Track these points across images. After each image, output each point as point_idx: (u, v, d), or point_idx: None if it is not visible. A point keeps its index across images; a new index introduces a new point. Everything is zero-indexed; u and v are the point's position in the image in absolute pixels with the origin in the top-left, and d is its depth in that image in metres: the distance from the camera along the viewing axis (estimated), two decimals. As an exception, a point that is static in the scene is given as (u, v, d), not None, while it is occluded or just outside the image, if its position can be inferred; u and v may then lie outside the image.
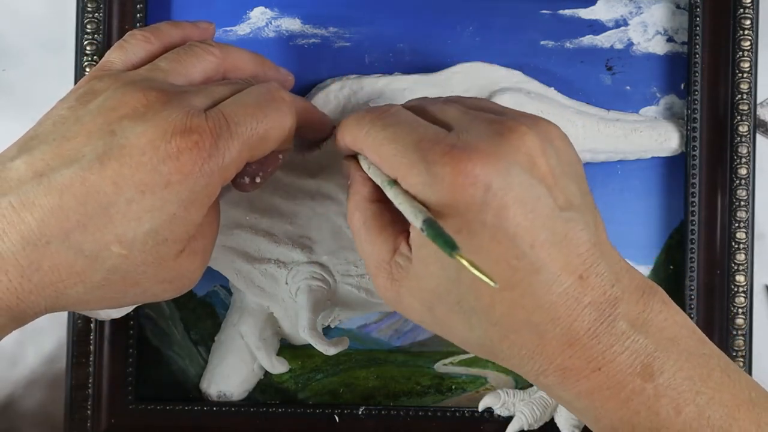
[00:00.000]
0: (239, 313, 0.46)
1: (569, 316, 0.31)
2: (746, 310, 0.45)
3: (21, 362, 0.47)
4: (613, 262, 0.32)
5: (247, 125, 0.34)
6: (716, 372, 0.32)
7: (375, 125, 0.34)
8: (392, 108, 0.35)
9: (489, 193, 0.30)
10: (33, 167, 0.32)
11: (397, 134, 0.33)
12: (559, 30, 0.45)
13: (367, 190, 0.35)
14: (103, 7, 0.44)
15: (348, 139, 0.36)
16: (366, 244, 0.35)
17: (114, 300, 0.35)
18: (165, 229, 0.33)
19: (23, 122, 0.35)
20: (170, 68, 0.36)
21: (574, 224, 0.31)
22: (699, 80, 0.45)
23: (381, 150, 0.33)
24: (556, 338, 0.31)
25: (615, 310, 0.31)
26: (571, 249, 0.31)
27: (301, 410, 0.46)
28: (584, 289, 0.31)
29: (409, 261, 0.33)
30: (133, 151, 0.32)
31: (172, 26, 0.39)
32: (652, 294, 0.32)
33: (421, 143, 0.31)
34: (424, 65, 0.45)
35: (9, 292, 0.32)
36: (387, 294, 0.34)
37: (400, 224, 0.34)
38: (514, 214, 0.30)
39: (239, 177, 0.37)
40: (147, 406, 0.45)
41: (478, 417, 0.46)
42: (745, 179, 0.44)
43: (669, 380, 0.31)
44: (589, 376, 0.31)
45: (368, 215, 0.35)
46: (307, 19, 0.45)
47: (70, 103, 0.34)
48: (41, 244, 0.31)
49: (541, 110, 0.44)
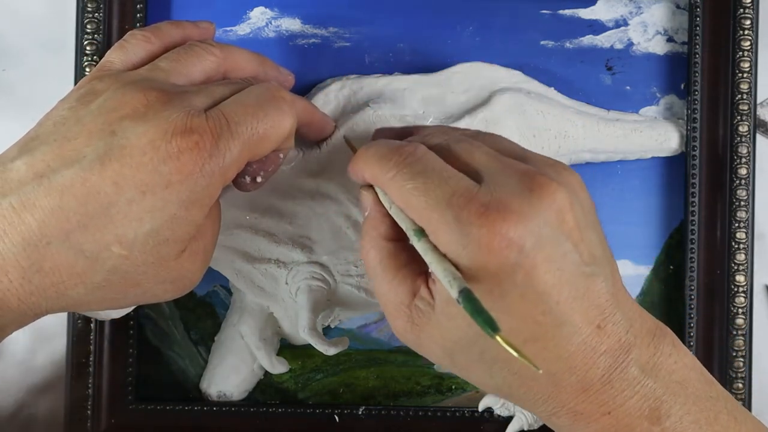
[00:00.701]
0: (239, 313, 0.46)
1: (585, 364, 0.31)
2: (746, 310, 0.45)
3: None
4: (627, 308, 0.32)
5: (248, 125, 0.34)
6: (723, 415, 0.32)
7: (402, 171, 0.33)
8: (418, 150, 0.33)
9: (522, 254, 0.30)
10: (33, 168, 0.32)
11: (426, 185, 0.32)
12: (559, 30, 0.45)
13: (384, 228, 0.35)
14: (103, 7, 0.44)
15: (368, 176, 0.35)
16: (383, 284, 0.34)
17: (115, 301, 0.34)
18: (166, 229, 0.33)
19: (23, 122, 0.35)
20: (171, 68, 0.36)
21: (595, 278, 0.31)
22: (699, 80, 0.45)
23: (409, 200, 0.32)
24: (571, 385, 0.32)
25: (628, 356, 0.32)
26: (592, 301, 0.31)
27: (301, 410, 0.46)
28: (601, 338, 0.31)
29: (430, 307, 0.33)
30: (133, 152, 0.32)
31: (172, 26, 0.39)
32: (662, 337, 0.33)
33: (453, 199, 0.31)
34: (424, 65, 0.45)
35: (10, 293, 0.32)
36: (406, 336, 0.34)
37: (417, 264, 0.34)
38: (543, 273, 0.30)
39: (240, 177, 0.37)
40: (147, 406, 0.45)
41: (478, 417, 0.46)
42: (745, 179, 0.44)
43: (676, 424, 0.31)
44: (599, 420, 0.32)
45: (384, 254, 0.34)
46: (307, 19, 0.45)
47: (70, 104, 0.34)
48: (42, 245, 0.31)
49: (541, 110, 0.44)
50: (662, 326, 0.33)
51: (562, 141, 0.44)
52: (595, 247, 0.32)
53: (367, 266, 0.35)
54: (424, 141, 0.35)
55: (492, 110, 0.43)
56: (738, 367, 0.45)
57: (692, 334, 0.45)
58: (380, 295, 0.35)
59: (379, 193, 0.35)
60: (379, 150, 0.34)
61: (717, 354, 0.45)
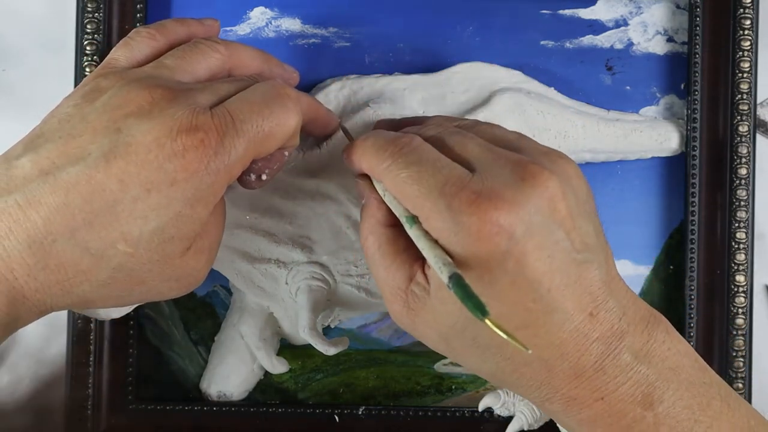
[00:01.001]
0: (239, 313, 0.46)
1: (577, 351, 0.32)
2: (746, 310, 0.45)
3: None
4: (621, 295, 0.33)
5: (253, 122, 0.34)
6: (716, 401, 0.32)
7: (396, 161, 0.33)
8: (413, 141, 0.34)
9: (512, 241, 0.30)
10: (39, 165, 0.32)
11: (420, 174, 0.32)
12: (559, 30, 0.45)
13: (381, 214, 0.35)
14: (103, 7, 0.44)
15: (365, 166, 0.35)
16: (381, 269, 0.35)
17: (120, 298, 0.34)
18: (171, 227, 0.33)
19: (23, 122, 0.35)
20: (176, 65, 0.36)
21: (587, 265, 0.32)
22: (699, 80, 0.45)
23: (403, 188, 0.33)
24: (564, 372, 0.32)
25: (621, 342, 0.32)
26: (584, 289, 0.32)
27: (301, 410, 0.46)
28: (594, 325, 0.32)
29: (425, 292, 0.33)
30: (138, 149, 0.32)
31: (177, 23, 0.39)
32: (656, 324, 0.33)
33: (446, 187, 0.31)
34: (424, 65, 0.45)
35: (15, 291, 0.32)
36: (402, 320, 0.35)
37: (415, 250, 0.34)
38: (534, 260, 0.31)
39: (245, 174, 0.37)
40: (147, 406, 0.45)
41: (478, 417, 0.46)
42: (745, 179, 0.44)
43: (668, 409, 0.32)
44: (592, 405, 0.32)
45: (383, 240, 0.35)
46: (307, 19, 0.45)
47: (75, 101, 0.34)
48: (47, 243, 0.31)
49: (541, 110, 0.44)
50: (656, 314, 0.34)
51: (562, 141, 0.44)
52: (588, 235, 0.32)
53: (366, 252, 0.36)
54: (420, 133, 0.36)
55: (492, 110, 0.43)
56: (738, 367, 0.45)
57: (692, 334, 0.45)
58: (378, 280, 0.35)
59: (376, 184, 0.35)
60: (376, 141, 0.35)
61: (717, 354, 0.45)
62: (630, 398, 0.32)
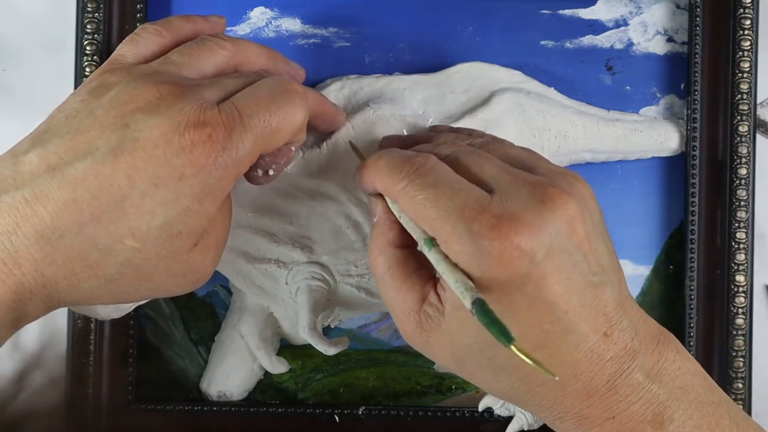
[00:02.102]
0: (239, 313, 0.46)
1: (591, 370, 0.32)
2: (746, 310, 0.45)
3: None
4: (633, 314, 0.33)
5: (260, 117, 0.34)
6: (725, 420, 0.33)
7: (413, 182, 0.33)
8: (428, 161, 0.34)
9: (532, 264, 0.30)
10: (46, 160, 0.32)
11: (438, 196, 0.32)
12: (559, 30, 0.45)
13: (393, 235, 0.35)
14: (103, 7, 0.44)
15: (379, 186, 0.35)
16: (391, 290, 0.35)
17: (127, 294, 0.34)
18: (178, 222, 0.32)
19: (23, 122, 0.35)
20: (183, 62, 0.36)
21: (603, 287, 0.32)
22: (699, 80, 0.45)
23: (420, 210, 0.33)
24: (577, 391, 0.32)
25: (633, 362, 0.32)
26: (599, 310, 0.32)
27: (301, 410, 0.46)
28: (608, 345, 0.32)
29: (439, 313, 0.33)
30: (146, 144, 0.32)
31: (183, 20, 0.39)
32: (666, 343, 0.33)
33: (465, 211, 0.31)
34: (424, 65, 0.45)
35: (23, 286, 0.31)
36: (415, 341, 0.34)
37: (425, 270, 0.34)
38: (552, 283, 0.31)
39: (252, 170, 0.37)
40: (147, 406, 0.45)
41: (478, 417, 0.46)
42: (745, 179, 0.44)
43: (678, 428, 0.32)
44: (603, 424, 0.32)
45: (393, 261, 0.35)
46: (307, 19, 0.45)
47: (82, 97, 0.34)
48: (55, 238, 0.31)
49: (541, 110, 0.44)
50: (665, 332, 0.34)
51: (562, 141, 0.44)
52: (603, 256, 0.33)
53: (375, 273, 0.36)
54: (434, 152, 0.35)
55: (492, 110, 0.43)
56: (738, 367, 0.45)
57: (692, 334, 0.45)
58: (388, 301, 0.35)
59: (389, 201, 0.35)
60: (390, 160, 0.35)
61: (717, 354, 0.45)
62: (641, 417, 0.32)
